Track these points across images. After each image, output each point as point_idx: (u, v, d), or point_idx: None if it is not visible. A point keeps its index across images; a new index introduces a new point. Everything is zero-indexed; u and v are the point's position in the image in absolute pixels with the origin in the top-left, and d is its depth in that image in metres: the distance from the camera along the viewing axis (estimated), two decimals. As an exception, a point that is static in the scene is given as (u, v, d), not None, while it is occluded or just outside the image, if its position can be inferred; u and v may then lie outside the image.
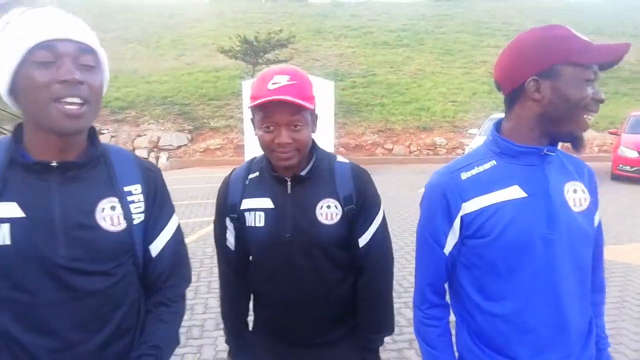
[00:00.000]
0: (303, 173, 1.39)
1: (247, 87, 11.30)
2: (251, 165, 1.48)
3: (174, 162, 13.55)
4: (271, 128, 1.29)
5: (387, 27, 22.85)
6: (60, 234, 1.01)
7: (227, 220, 1.46)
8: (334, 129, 12.42)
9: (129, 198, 1.12)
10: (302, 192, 1.38)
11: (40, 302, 1.00)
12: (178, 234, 1.24)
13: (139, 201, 1.14)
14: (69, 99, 0.95)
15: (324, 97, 11.48)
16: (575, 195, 1.18)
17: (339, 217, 1.37)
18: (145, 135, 14.29)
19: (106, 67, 1.05)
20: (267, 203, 1.39)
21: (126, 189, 1.12)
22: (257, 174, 1.45)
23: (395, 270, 1.54)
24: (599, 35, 20.99)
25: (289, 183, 1.38)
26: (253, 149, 11.59)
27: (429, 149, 14.49)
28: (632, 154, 9.88)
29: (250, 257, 1.49)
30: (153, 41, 20.08)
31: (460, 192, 1.19)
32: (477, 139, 10.69)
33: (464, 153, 12.09)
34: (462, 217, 1.19)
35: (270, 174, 1.40)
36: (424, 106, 16.10)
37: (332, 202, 1.38)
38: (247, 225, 1.41)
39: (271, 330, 1.50)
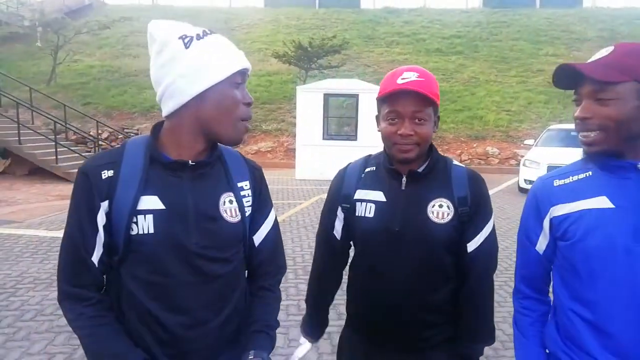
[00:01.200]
0: (420, 170, 1.42)
1: (301, 92, 11.50)
2: (368, 160, 1.54)
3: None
4: (395, 120, 1.35)
5: (440, 34, 22.57)
6: (192, 224, 1.14)
7: (339, 210, 1.51)
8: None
9: (242, 193, 1.25)
10: (416, 188, 1.41)
11: (175, 284, 1.14)
12: (276, 226, 1.36)
13: (249, 196, 1.27)
14: (246, 122, 1.18)
15: (374, 104, 11.46)
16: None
17: (450, 217, 1.38)
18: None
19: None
20: (379, 196, 1.43)
21: (239, 184, 1.25)
22: (373, 168, 1.50)
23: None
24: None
25: (404, 179, 1.41)
26: (304, 152, 11.67)
27: (480, 159, 14.18)
28: None
29: (353, 249, 1.54)
30: (210, 46, 20.69)
31: (550, 197, 1.29)
32: (534, 150, 10.38)
33: (517, 164, 11.76)
34: (550, 219, 1.29)
35: (386, 168, 1.45)
36: (477, 115, 15.79)
37: (445, 201, 1.39)
38: (356, 215, 1.45)
39: (363, 329, 1.51)
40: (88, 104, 16.28)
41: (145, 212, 1.10)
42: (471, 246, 1.42)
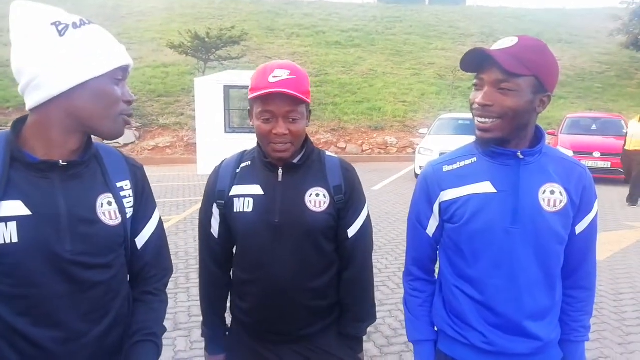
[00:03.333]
0: (295, 161, 1.43)
1: (199, 84, 11.06)
2: (243, 155, 1.53)
3: (121, 160, 13.01)
4: (269, 119, 1.34)
5: (339, 27, 23.09)
6: (66, 229, 1.05)
7: (214, 207, 1.49)
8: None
9: (122, 193, 1.18)
10: (292, 179, 1.43)
11: (47, 296, 1.03)
12: (160, 227, 1.31)
13: (130, 196, 1.20)
14: (126, 117, 1.12)
15: (277, 96, 11.40)
16: (551, 197, 1.26)
17: (326, 205, 1.42)
18: (89, 132, 13.64)
19: None
20: (256, 190, 1.43)
21: (118, 184, 1.18)
22: (249, 162, 1.49)
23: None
24: (537, 41, 22.20)
25: (280, 171, 1.42)
26: (205, 147, 11.31)
27: (380, 148, 14.78)
28: (568, 153, 10.57)
29: (235, 247, 1.51)
30: (97, 34, 19.12)
31: (440, 182, 1.35)
32: (427, 138, 11.02)
33: (414, 152, 12.51)
34: (440, 203, 1.35)
35: (262, 161, 1.45)
36: (376, 106, 16.41)
37: (321, 190, 1.43)
38: (234, 211, 1.43)
39: (250, 325, 1.50)
40: (-52, 98, 14.15)
41: (6, 220, 0.98)
42: (351, 231, 1.48)
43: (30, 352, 1.02)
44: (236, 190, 1.45)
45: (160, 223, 1.32)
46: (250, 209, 1.42)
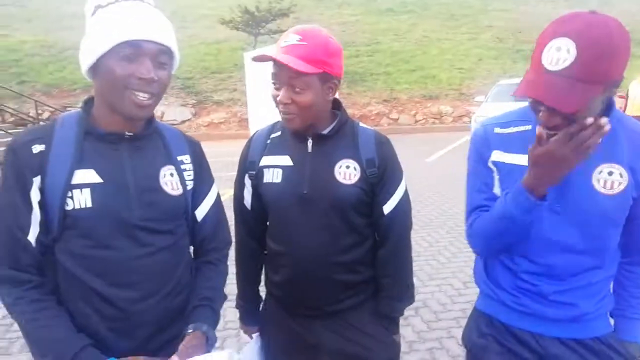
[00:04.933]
0: (325, 132, 1.39)
1: (249, 58, 11.13)
2: (275, 126, 1.49)
3: (179, 137, 13.53)
4: (277, 85, 1.29)
5: (391, -7, 22.29)
6: (133, 196, 1.13)
7: (246, 178, 1.49)
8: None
9: (182, 167, 1.25)
10: (322, 150, 1.38)
11: (120, 258, 1.12)
12: (218, 201, 1.36)
13: (190, 170, 1.27)
14: (141, 94, 1.07)
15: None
16: (608, 178, 1.15)
17: (357, 178, 1.37)
18: (149, 110, 14.24)
19: (177, 61, 1.17)
20: (286, 160, 1.41)
21: (179, 158, 1.25)
22: (279, 133, 1.46)
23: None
24: None
25: (309, 142, 1.39)
26: (257, 122, 11.53)
27: (435, 118, 14.34)
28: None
29: (268, 219, 1.51)
30: (153, 14, 19.69)
31: (490, 143, 1.28)
32: (484, 106, 10.54)
33: (470, 121, 12.02)
34: (492, 162, 1.27)
35: (291, 132, 1.41)
36: (430, 74, 15.86)
37: (351, 162, 1.38)
38: (264, 181, 1.42)
39: (283, 299, 1.50)
40: (23, 82, 15.20)
41: (81, 186, 1.08)
42: (387, 208, 1.42)
43: (107, 311, 1.12)
44: (266, 160, 1.43)
45: (218, 197, 1.36)
46: (279, 180, 1.39)
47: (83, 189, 1.08)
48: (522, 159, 1.19)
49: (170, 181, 1.20)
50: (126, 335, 1.15)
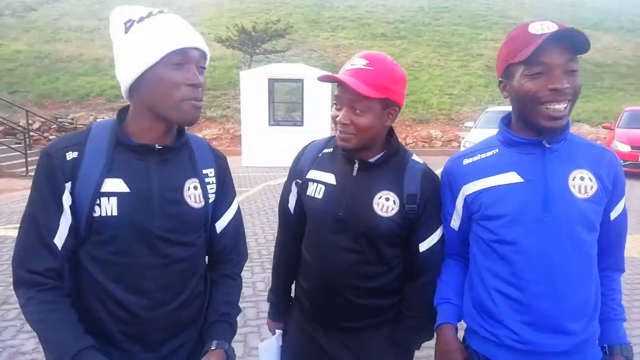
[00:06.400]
0: (371, 160, 1.40)
1: (245, 77, 11.26)
2: (329, 141, 1.52)
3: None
4: (338, 105, 1.34)
5: (385, 19, 22.77)
6: (157, 207, 1.16)
7: (293, 184, 1.53)
8: (330, 121, 12.38)
9: (206, 180, 1.27)
10: (366, 177, 1.39)
11: (137, 266, 1.15)
12: (238, 215, 1.39)
13: (213, 183, 1.30)
14: (193, 101, 1.12)
15: (321, 88, 11.44)
16: (581, 183, 1.23)
17: (394, 212, 1.36)
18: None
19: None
20: (330, 178, 1.43)
21: (204, 171, 1.27)
22: (331, 150, 1.49)
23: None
24: (596, 30, 21.03)
25: (356, 165, 1.40)
26: (250, 139, 11.52)
27: (424, 142, 14.54)
28: (625, 148, 9.99)
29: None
30: (149, 29, 19.80)
31: (461, 176, 1.34)
32: (473, 132, 10.74)
33: (459, 146, 12.20)
34: (464, 198, 1.33)
35: (342, 152, 1.43)
36: (421, 99, 16.12)
37: (392, 195, 1.37)
38: (307, 194, 1.46)
39: (306, 305, 1.52)
40: (15, 92, 15.13)
41: (109, 195, 1.11)
42: (423, 246, 1.41)
43: (120, 315, 1.15)
44: (312, 174, 1.46)
45: (239, 211, 1.39)
46: (320, 196, 1.42)
47: (110, 198, 1.11)
48: (499, 179, 1.27)
49: (193, 194, 1.22)
50: (137, 339, 1.18)
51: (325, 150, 1.49)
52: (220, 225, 1.33)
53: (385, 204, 1.36)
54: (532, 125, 1.23)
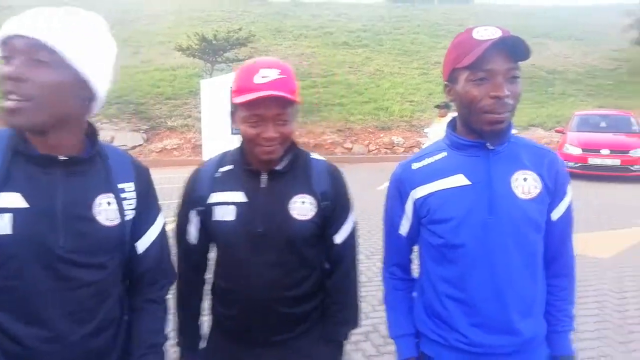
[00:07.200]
0: (279, 168, 1.37)
1: (205, 86, 11.12)
2: (224, 159, 1.44)
3: (130, 162, 13.13)
4: (257, 122, 1.27)
5: (347, 28, 23.04)
6: (60, 225, 1.04)
7: (193, 213, 1.42)
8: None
9: (123, 195, 1.15)
10: (276, 186, 1.36)
11: (32, 291, 1.01)
12: (164, 233, 1.28)
13: (131, 198, 1.18)
14: (10, 96, 0.95)
15: (283, 97, 11.43)
16: (524, 184, 1.25)
17: (313, 213, 1.36)
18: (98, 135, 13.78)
19: (79, 62, 1.02)
20: (239, 197, 1.36)
21: (120, 186, 1.16)
22: (230, 167, 1.41)
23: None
24: (548, 39, 21.98)
25: (262, 177, 1.36)
26: (211, 149, 11.43)
27: (387, 148, 14.73)
28: (576, 151, 10.44)
29: (214, 253, 1.47)
30: (106, 38, 19.35)
31: (410, 180, 1.33)
32: (431, 137, 10.98)
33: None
34: (414, 202, 1.33)
35: (244, 168, 1.38)
36: (382, 106, 16.36)
37: (307, 198, 1.36)
38: (213, 219, 1.37)
39: (231, 330, 1.45)
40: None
41: (2, 211, 0.98)
42: (338, 238, 1.44)
43: (13, 349, 1.00)
44: (216, 197, 1.37)
45: (164, 229, 1.28)
46: (232, 218, 1.35)
47: (4, 214, 0.98)
48: (447, 182, 1.28)
49: (105, 210, 1.10)
50: None
51: (222, 170, 1.40)
52: (142, 244, 1.22)
53: (302, 207, 1.35)
54: (474, 129, 1.25)
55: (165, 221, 1.31)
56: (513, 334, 1.25)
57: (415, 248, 1.46)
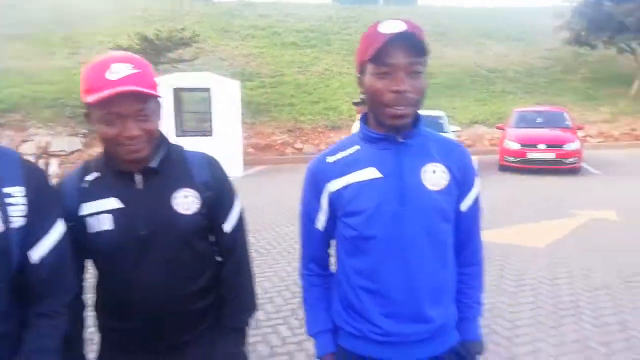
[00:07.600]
0: (153, 165, 1.30)
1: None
2: (87, 167, 1.35)
3: (67, 168, 12.50)
4: (114, 121, 1.19)
5: (295, 28, 23.02)
6: None
7: None
8: (241, 130, 12.23)
9: (7, 200, 1.07)
10: (154, 185, 1.31)
11: None
12: (63, 243, 1.19)
13: (19, 204, 1.09)
14: None
15: (229, 97, 11.23)
16: (433, 176, 1.28)
17: (198, 205, 1.33)
18: (32, 140, 13.00)
19: None
20: (113, 203, 1.28)
21: (6, 190, 1.08)
22: (96, 174, 1.32)
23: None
24: (488, 39, 22.88)
25: (137, 178, 1.30)
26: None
27: (337, 147, 14.84)
28: (515, 146, 10.88)
29: (95, 270, 1.37)
30: (41, 38, 18.40)
31: (324, 174, 1.33)
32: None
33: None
34: (329, 195, 1.33)
35: (113, 171, 1.30)
36: (332, 106, 16.45)
37: (189, 191, 1.33)
38: (90, 232, 1.28)
39: (128, 343, 1.36)
40: None
41: None
42: (227, 226, 1.42)
43: None
44: (87, 208, 1.28)
45: (64, 237, 1.19)
46: (110, 227, 1.27)
47: None
48: (360, 175, 1.29)
49: None
50: None
51: (89, 178, 1.32)
52: (36, 253, 1.13)
53: (185, 201, 1.32)
54: (380, 122, 1.27)
55: (65, 229, 1.21)
56: (425, 322, 1.28)
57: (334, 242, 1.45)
